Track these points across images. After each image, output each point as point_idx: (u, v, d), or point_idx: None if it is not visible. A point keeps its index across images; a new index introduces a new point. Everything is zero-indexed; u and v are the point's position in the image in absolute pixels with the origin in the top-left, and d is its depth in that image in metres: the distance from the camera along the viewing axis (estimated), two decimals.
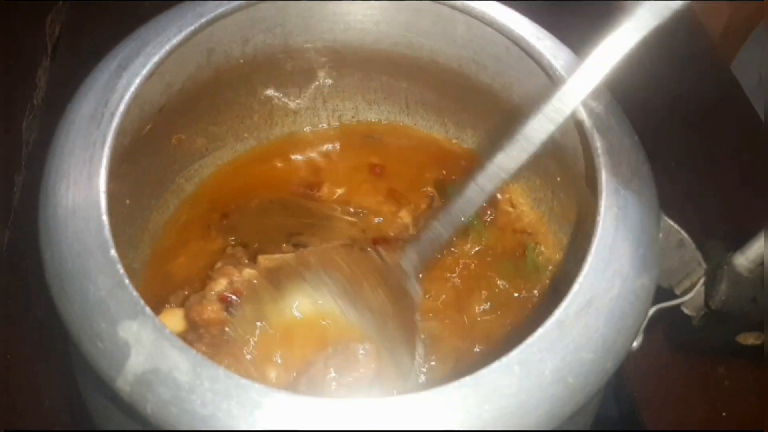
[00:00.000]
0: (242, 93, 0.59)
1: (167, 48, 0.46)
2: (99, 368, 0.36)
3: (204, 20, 0.48)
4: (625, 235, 0.40)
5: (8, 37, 0.80)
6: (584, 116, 0.44)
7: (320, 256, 0.50)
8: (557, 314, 0.37)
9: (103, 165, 0.40)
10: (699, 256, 0.44)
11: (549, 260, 0.58)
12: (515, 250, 0.58)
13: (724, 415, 0.62)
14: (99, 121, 0.42)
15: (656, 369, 0.63)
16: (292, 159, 0.63)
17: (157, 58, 0.45)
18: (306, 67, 0.60)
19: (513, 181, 0.62)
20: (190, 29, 0.47)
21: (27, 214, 0.67)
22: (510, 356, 0.36)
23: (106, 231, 0.38)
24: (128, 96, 0.43)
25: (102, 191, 0.39)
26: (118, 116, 0.42)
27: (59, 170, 0.41)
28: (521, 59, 0.50)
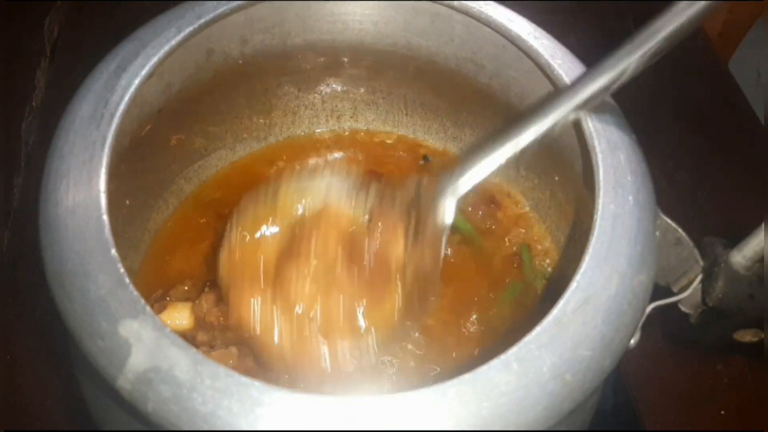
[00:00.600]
0: (241, 93, 0.59)
1: (166, 48, 0.46)
2: (100, 367, 0.36)
3: (203, 21, 0.48)
4: (623, 233, 0.40)
5: (7, 39, 0.80)
6: (582, 115, 0.45)
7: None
8: (555, 312, 0.37)
9: (103, 165, 0.41)
10: (696, 254, 0.44)
11: (546, 258, 0.59)
12: (512, 261, 0.58)
13: (723, 413, 0.62)
14: (99, 122, 0.42)
15: (654, 366, 0.63)
16: (292, 159, 0.63)
17: (157, 59, 0.45)
18: (305, 68, 0.60)
19: (512, 181, 0.62)
20: (189, 30, 0.47)
21: (26, 215, 0.67)
22: (508, 354, 0.36)
23: (107, 230, 0.38)
24: (128, 96, 0.43)
25: (102, 191, 0.40)
26: (118, 117, 0.43)
27: (59, 171, 0.41)
28: (519, 59, 0.50)
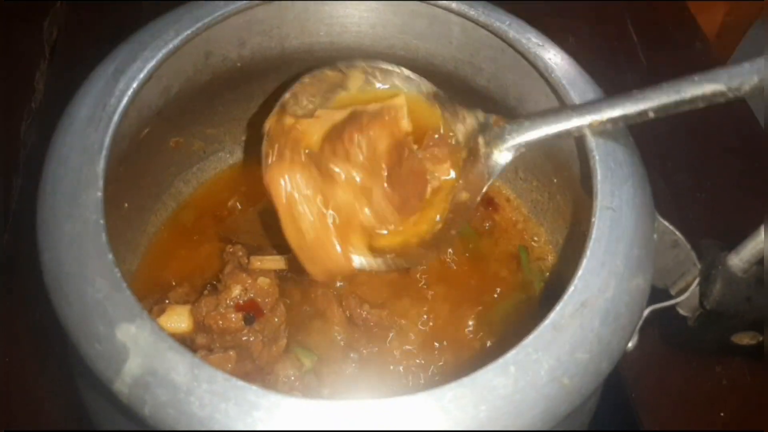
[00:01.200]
0: (240, 96, 0.59)
1: (165, 51, 0.46)
2: (97, 370, 0.36)
3: (201, 23, 0.48)
4: (620, 236, 0.40)
5: (6, 41, 0.80)
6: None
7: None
8: (552, 315, 0.37)
9: (101, 168, 0.41)
10: (693, 257, 0.44)
11: (544, 260, 0.59)
12: (510, 262, 0.58)
13: (722, 415, 0.62)
14: (97, 125, 0.42)
15: (652, 369, 0.63)
16: None
17: (155, 62, 0.45)
18: (303, 70, 0.60)
19: (510, 183, 0.62)
20: (188, 32, 0.47)
21: (25, 217, 0.67)
22: (506, 357, 0.36)
23: (104, 234, 0.38)
24: (126, 99, 0.43)
25: (100, 194, 0.40)
26: (116, 119, 0.42)
27: (57, 173, 0.41)
28: (517, 61, 0.50)
